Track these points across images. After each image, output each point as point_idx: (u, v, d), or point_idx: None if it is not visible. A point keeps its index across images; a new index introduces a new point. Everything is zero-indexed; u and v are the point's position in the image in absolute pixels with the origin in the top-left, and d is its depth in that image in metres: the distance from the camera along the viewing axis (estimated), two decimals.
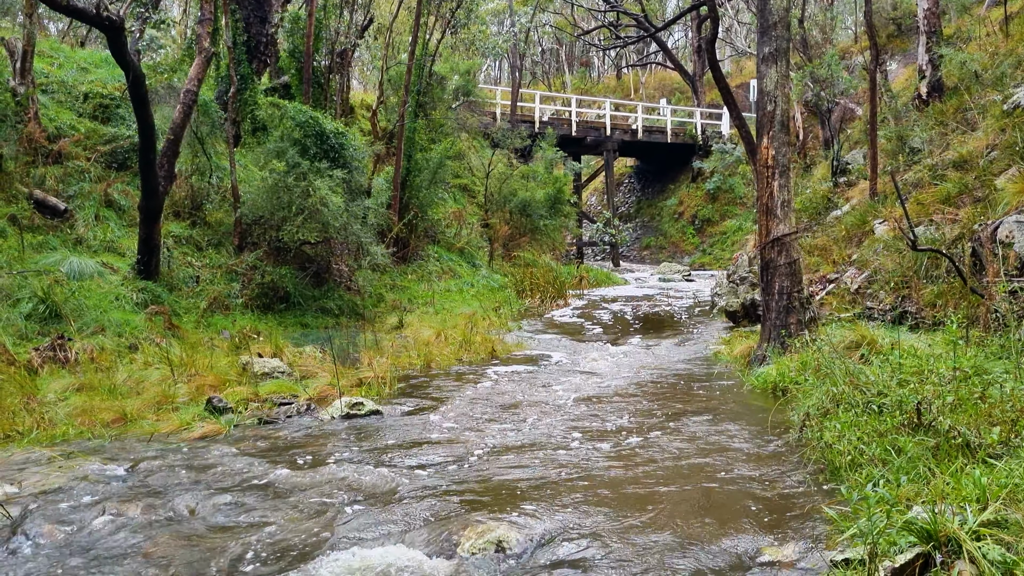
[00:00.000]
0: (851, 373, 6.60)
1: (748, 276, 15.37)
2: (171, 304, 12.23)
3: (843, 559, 3.98)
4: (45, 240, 12.40)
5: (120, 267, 12.54)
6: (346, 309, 14.95)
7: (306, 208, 13.89)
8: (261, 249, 14.44)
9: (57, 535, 4.95)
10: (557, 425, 7.50)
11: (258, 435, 7.39)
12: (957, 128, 13.42)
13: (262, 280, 13.90)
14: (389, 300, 16.34)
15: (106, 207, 13.84)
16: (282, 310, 13.95)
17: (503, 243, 23.08)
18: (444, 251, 20.63)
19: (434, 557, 4.47)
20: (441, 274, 19.37)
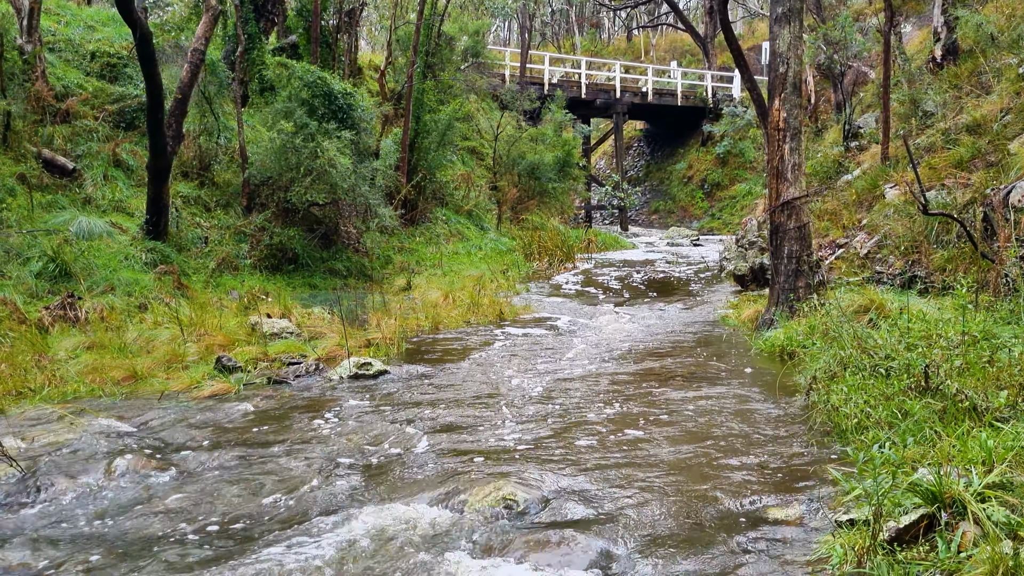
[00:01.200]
0: (859, 337, 6.59)
1: (757, 240, 15.32)
2: (180, 264, 12.27)
3: (848, 519, 4.00)
4: (54, 199, 12.42)
5: (129, 227, 12.57)
6: (354, 271, 14.97)
7: (314, 169, 13.85)
8: (269, 210, 14.44)
9: (68, 489, 5.01)
10: (564, 386, 7.53)
11: (267, 394, 7.44)
12: (971, 92, 13.26)
13: (270, 241, 13.92)
14: (397, 262, 16.35)
15: (114, 167, 13.84)
16: (290, 271, 13.98)
17: (511, 206, 23.01)
18: (452, 214, 20.60)
19: (442, 514, 4.51)
20: (449, 236, 19.35)
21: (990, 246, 8.55)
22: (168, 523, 4.54)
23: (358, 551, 4.00)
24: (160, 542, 4.29)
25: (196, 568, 3.93)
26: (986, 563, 3.25)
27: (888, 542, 3.62)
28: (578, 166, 25.53)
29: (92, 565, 3.98)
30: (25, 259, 10.55)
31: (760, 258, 13.66)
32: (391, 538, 4.15)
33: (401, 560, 3.94)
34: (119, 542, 4.30)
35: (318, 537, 4.21)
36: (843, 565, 3.52)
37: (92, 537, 4.37)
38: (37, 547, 4.20)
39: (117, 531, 4.46)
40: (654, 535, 4.18)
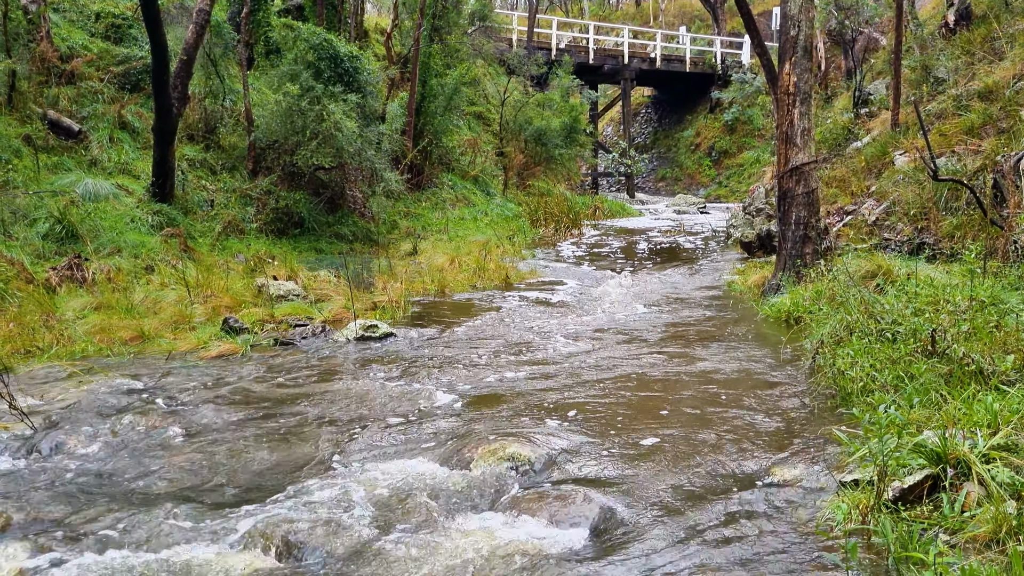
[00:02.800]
0: (866, 302, 6.57)
1: (764, 208, 15.25)
2: (186, 227, 12.26)
3: (852, 480, 4.02)
4: (60, 161, 12.38)
5: (135, 189, 12.55)
6: (360, 235, 14.96)
7: (320, 132, 13.79)
8: (275, 174, 14.40)
9: (78, 445, 5.05)
10: (570, 349, 7.55)
11: (274, 355, 7.48)
12: (984, 58, 13.10)
13: (276, 205, 13.90)
14: (403, 227, 16.33)
15: (120, 129, 13.78)
16: (296, 235, 13.97)
17: (517, 172, 22.91)
18: (458, 179, 20.51)
19: (449, 472, 4.55)
20: (455, 202, 19.29)
21: (999, 213, 8.50)
22: (177, 478, 4.58)
23: (365, 507, 4.03)
24: (169, 496, 4.34)
25: (206, 518, 3.97)
26: (989, 522, 3.27)
27: (892, 501, 3.64)
28: (585, 132, 25.35)
29: (102, 517, 4.02)
30: (32, 220, 10.55)
31: (767, 225, 13.61)
32: (399, 494, 4.18)
33: (409, 515, 3.97)
34: (128, 495, 4.35)
35: (324, 491, 4.24)
36: (847, 523, 3.54)
37: (102, 490, 4.42)
38: (50, 500, 4.25)
39: (126, 485, 4.50)
40: (658, 493, 4.21)
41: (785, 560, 3.34)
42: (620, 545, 3.67)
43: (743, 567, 3.29)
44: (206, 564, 3.52)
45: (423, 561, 3.51)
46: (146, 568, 3.47)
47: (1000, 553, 3.09)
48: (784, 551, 3.43)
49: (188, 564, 3.51)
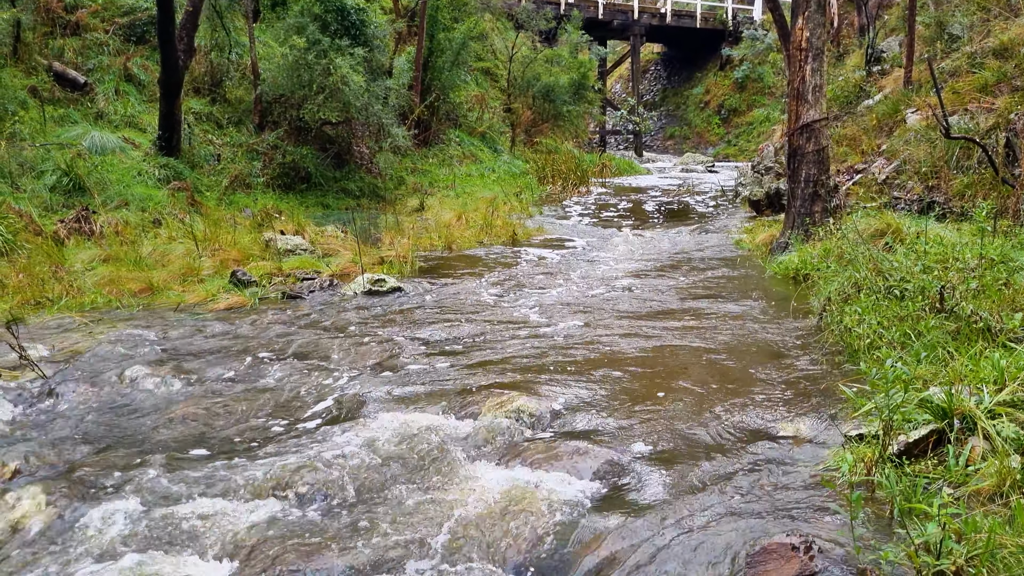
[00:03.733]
0: (874, 259, 6.56)
1: (773, 166, 15.14)
2: (193, 181, 12.24)
3: (857, 434, 4.04)
4: (66, 113, 12.34)
5: (141, 143, 12.51)
6: (367, 191, 14.92)
7: (327, 87, 13.69)
8: (282, 128, 14.33)
9: (89, 394, 5.10)
10: (577, 303, 7.56)
11: (282, 307, 7.50)
12: (1000, 14, 12.90)
13: (283, 160, 13.85)
14: (410, 183, 16.28)
15: (126, 81, 13.70)
16: (303, 190, 13.94)
17: (525, 129, 22.76)
18: (465, 135, 20.39)
19: (456, 424, 4.58)
20: (462, 158, 19.20)
21: (1011, 172, 8.43)
22: (186, 426, 4.63)
23: (375, 455, 4.07)
24: (178, 444, 4.39)
25: (215, 466, 4.02)
26: (993, 476, 3.28)
27: (897, 456, 3.66)
28: (593, 89, 25.12)
29: (111, 464, 4.08)
30: (39, 172, 10.54)
31: (776, 183, 13.52)
32: (407, 444, 4.22)
33: (417, 463, 4.02)
34: (137, 444, 4.40)
35: (335, 439, 4.29)
36: (852, 476, 3.56)
37: (111, 439, 4.47)
38: (59, 448, 4.30)
39: (135, 434, 4.55)
40: (663, 446, 4.24)
41: (789, 511, 3.37)
42: (625, 495, 3.70)
43: (746, 517, 3.32)
44: (216, 511, 3.57)
45: (430, 507, 3.56)
46: (155, 515, 3.52)
47: (1003, 506, 3.11)
48: (788, 503, 3.46)
49: (198, 511, 3.56)
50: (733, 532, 3.20)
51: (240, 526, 3.43)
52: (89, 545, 3.32)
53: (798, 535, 3.04)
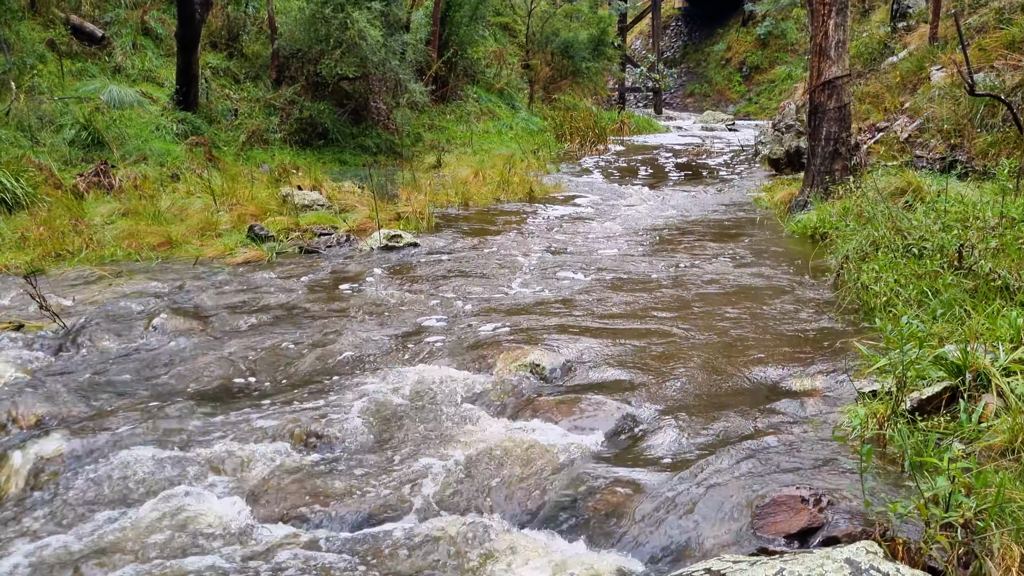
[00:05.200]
0: (894, 218, 6.50)
1: (794, 124, 14.96)
2: (210, 136, 12.25)
3: (871, 391, 4.04)
4: (84, 67, 12.33)
5: (159, 97, 12.51)
6: (384, 147, 14.88)
7: (344, 41, 13.58)
8: (299, 83, 14.26)
9: (109, 344, 5.18)
10: (593, 261, 7.56)
11: (299, 262, 7.55)
12: None
13: (300, 115, 13.81)
14: (427, 140, 16.21)
15: (143, 35, 13.65)
16: (320, 146, 13.93)
17: (543, 85, 22.55)
18: (483, 92, 20.23)
19: (472, 377, 4.62)
20: (480, 115, 19.07)
21: None
22: (204, 376, 4.69)
23: (388, 406, 4.12)
24: (197, 393, 4.45)
25: (234, 414, 4.08)
26: (1006, 432, 3.29)
27: (910, 411, 3.67)
28: (613, 45, 24.80)
29: (131, 410, 4.15)
30: (58, 126, 10.58)
31: (796, 141, 13.37)
32: (421, 396, 4.27)
33: (431, 415, 4.07)
34: (156, 393, 4.47)
35: (349, 390, 4.34)
36: (864, 430, 3.57)
37: (130, 388, 4.55)
38: (80, 396, 4.38)
39: (154, 383, 4.63)
40: (678, 401, 4.27)
41: (800, 465, 3.39)
42: (637, 447, 3.74)
43: (758, 470, 3.35)
44: (232, 455, 3.63)
45: (442, 456, 3.60)
46: (173, 459, 3.59)
47: (1015, 461, 3.12)
48: (800, 457, 3.48)
49: (215, 455, 3.63)
50: (744, 484, 3.22)
51: (255, 470, 3.50)
52: (110, 487, 3.39)
53: (808, 488, 3.07)
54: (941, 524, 2.66)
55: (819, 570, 2.34)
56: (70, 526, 3.15)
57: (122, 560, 2.89)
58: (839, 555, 2.43)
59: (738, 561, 2.58)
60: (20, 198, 8.26)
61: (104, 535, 3.06)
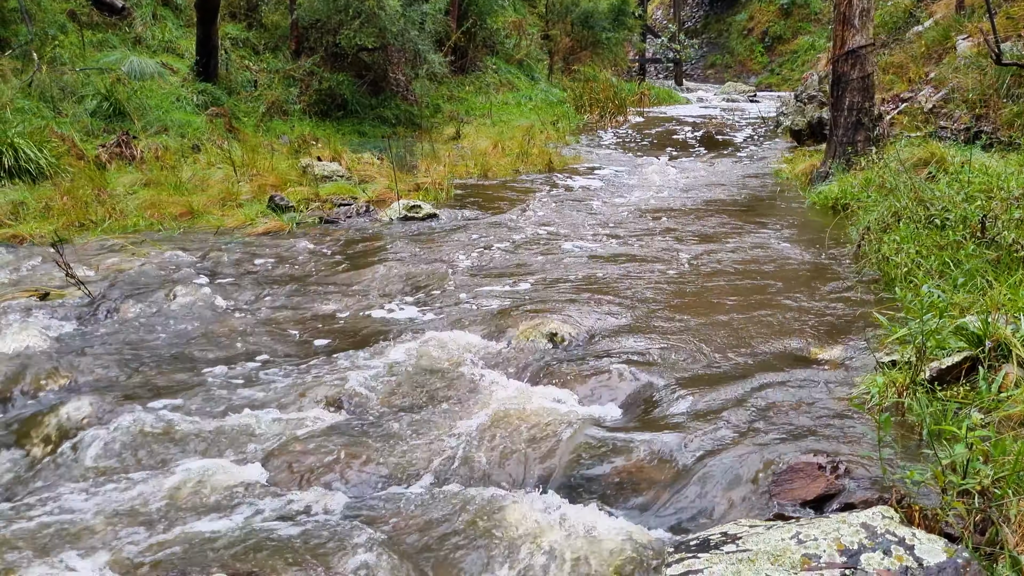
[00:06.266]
0: (916, 188, 6.44)
1: (817, 95, 14.79)
2: (230, 107, 12.28)
3: (890, 360, 4.03)
4: (105, 38, 12.37)
5: (179, 68, 12.54)
6: (403, 119, 14.87)
7: (363, 12, 13.54)
8: (318, 55, 14.25)
9: (133, 312, 5.24)
10: (611, 231, 7.55)
11: (319, 232, 7.59)
12: None
13: (319, 86, 13.81)
14: (446, 111, 16.17)
15: (163, 6, 13.68)
16: (339, 117, 13.93)
17: (563, 56, 22.40)
18: (502, 63, 20.12)
19: (490, 345, 4.65)
20: (499, 86, 18.99)
21: None
22: (228, 344, 4.75)
23: (408, 372, 4.16)
24: (221, 360, 4.51)
25: (259, 381, 4.14)
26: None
27: (929, 381, 3.66)
28: (634, 15, 24.56)
29: (155, 376, 4.22)
30: (80, 97, 10.64)
31: (819, 112, 13.24)
32: (440, 362, 4.30)
33: (451, 379, 4.10)
34: (181, 359, 4.53)
35: (371, 356, 4.39)
36: (882, 399, 3.58)
37: (156, 354, 4.61)
38: (108, 363, 4.44)
39: (179, 350, 4.69)
40: (696, 370, 4.27)
41: (818, 433, 3.40)
42: (654, 415, 3.76)
43: (775, 438, 3.36)
44: (255, 421, 3.69)
45: (461, 421, 3.65)
46: (196, 424, 3.65)
47: None
48: (818, 425, 3.49)
49: (238, 421, 3.68)
50: (761, 452, 3.24)
51: (278, 436, 3.56)
52: (135, 450, 3.46)
53: (825, 455, 3.08)
54: (958, 491, 2.66)
55: (835, 534, 2.36)
56: (96, 487, 3.21)
57: (146, 520, 2.95)
58: (855, 519, 2.45)
59: (754, 525, 2.61)
60: (44, 168, 8.34)
61: (128, 496, 3.12)
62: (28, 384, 4.13)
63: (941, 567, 2.23)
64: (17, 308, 5.18)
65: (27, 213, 7.48)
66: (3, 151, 8.16)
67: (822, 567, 2.23)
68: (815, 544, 2.33)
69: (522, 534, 2.82)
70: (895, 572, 2.21)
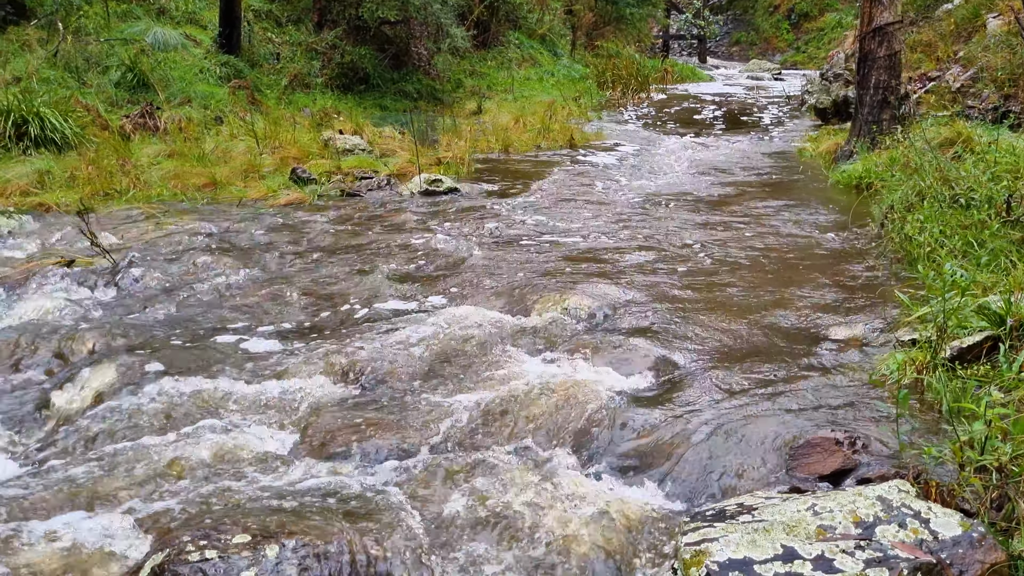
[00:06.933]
0: (941, 168, 6.38)
1: (843, 73, 14.62)
2: (253, 80, 12.31)
3: (910, 339, 4.03)
4: (129, 9, 12.42)
5: (202, 40, 12.57)
6: (424, 93, 14.85)
7: None
8: (340, 27, 14.23)
9: (157, 281, 5.31)
10: (633, 209, 7.54)
11: (340, 204, 7.63)
12: None
13: (342, 60, 13.81)
14: (468, 86, 16.13)
15: None
16: (361, 91, 13.93)
17: (586, 32, 22.25)
18: (525, 38, 20.01)
19: (511, 317, 4.68)
20: (521, 62, 18.89)
21: None
22: (249, 313, 4.81)
23: (429, 344, 4.20)
24: (243, 329, 4.57)
25: (279, 350, 4.19)
26: None
27: (949, 360, 3.65)
28: None
29: (179, 344, 4.28)
30: (104, 68, 10.71)
31: (844, 91, 13.09)
32: (461, 336, 4.33)
33: (471, 352, 4.14)
34: (203, 328, 4.59)
35: (392, 328, 4.43)
36: (901, 376, 3.57)
37: (179, 322, 4.67)
38: (131, 330, 4.50)
39: (201, 319, 4.75)
40: (716, 346, 4.28)
41: (836, 409, 3.41)
42: (674, 390, 3.77)
43: (794, 413, 3.37)
44: (278, 389, 3.74)
45: (481, 393, 3.68)
46: (220, 391, 3.70)
47: None
48: (836, 401, 3.50)
49: (261, 389, 3.74)
50: (779, 427, 3.25)
51: (300, 404, 3.61)
52: (159, 416, 3.52)
53: (842, 430, 3.09)
54: (976, 467, 2.67)
55: (850, 506, 2.38)
56: (122, 450, 3.28)
57: (172, 483, 3.01)
58: (871, 492, 2.46)
59: (770, 497, 2.63)
60: (69, 138, 8.42)
61: (153, 459, 3.18)
62: (55, 350, 4.20)
63: (956, 540, 2.25)
64: (44, 275, 5.25)
65: (53, 182, 7.57)
66: (29, 120, 8.25)
67: (837, 538, 2.25)
68: (830, 516, 2.35)
69: (540, 502, 2.85)
70: (910, 544, 2.23)
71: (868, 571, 2.12)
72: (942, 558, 2.19)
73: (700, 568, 2.19)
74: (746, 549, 2.22)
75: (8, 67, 9.87)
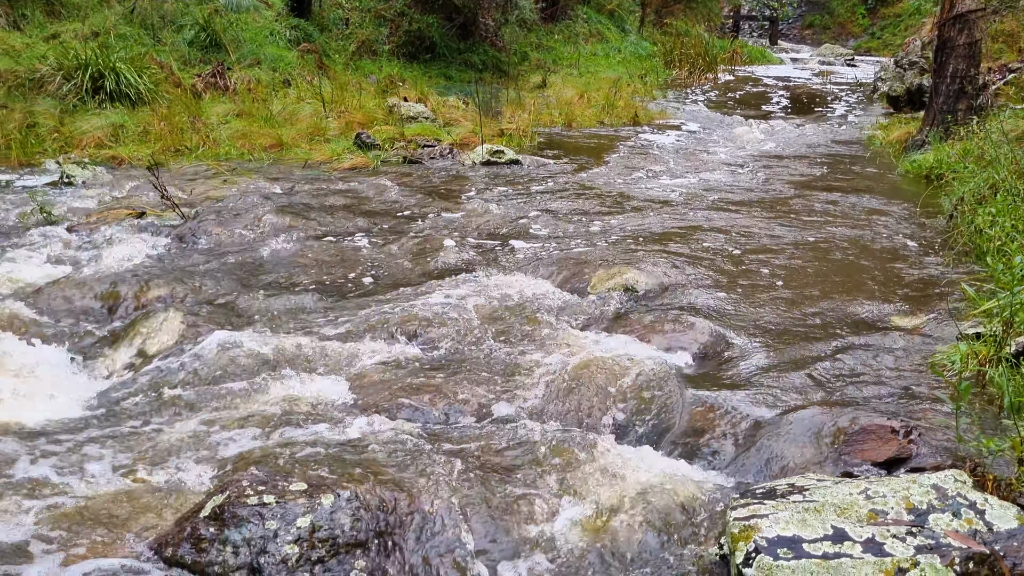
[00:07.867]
0: (1018, 160, 6.19)
1: (918, 61, 14.22)
2: (321, 44, 12.45)
3: (974, 332, 3.95)
4: None
5: (274, 2, 12.72)
6: (490, 65, 14.84)
7: None
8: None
9: (224, 236, 5.44)
10: (694, 187, 7.48)
11: (402, 171, 7.71)
12: None
13: (409, 28, 13.86)
14: (533, 59, 16.08)
15: None
16: (427, 60, 13.98)
17: (655, 9, 21.95)
18: (593, 13, 19.83)
19: (565, 291, 4.70)
20: (588, 37, 18.75)
21: None
22: (311, 272, 4.91)
23: (482, 312, 4.25)
24: (304, 286, 4.67)
25: (339, 308, 4.28)
26: None
27: (1014, 355, 3.57)
28: None
29: (243, 297, 4.39)
30: (178, 27, 10.92)
31: (919, 79, 12.74)
32: (514, 306, 4.37)
33: (524, 322, 4.17)
34: (266, 282, 4.70)
35: (446, 294, 4.48)
36: (963, 370, 3.51)
37: (243, 276, 4.79)
38: (198, 281, 4.63)
39: (264, 274, 4.87)
40: (771, 327, 4.25)
41: (894, 397, 3.37)
42: (727, 370, 3.76)
43: (849, 399, 3.35)
44: (339, 347, 3.82)
45: (531, 365, 3.70)
46: (281, 343, 3.80)
47: None
48: (894, 389, 3.46)
49: (320, 343, 3.82)
50: (833, 411, 3.22)
51: (356, 359, 3.69)
52: (222, 367, 3.62)
53: (899, 419, 3.06)
54: None
55: (904, 492, 2.36)
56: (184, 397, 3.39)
57: (233, 429, 3.11)
58: (926, 480, 2.44)
59: (822, 479, 2.62)
60: (143, 94, 8.63)
61: (215, 407, 3.29)
62: (129, 296, 4.35)
63: (1011, 533, 2.22)
64: (116, 224, 5.42)
65: (126, 136, 7.78)
66: (106, 75, 8.47)
67: (889, 523, 2.24)
68: (883, 501, 2.33)
69: (588, 475, 2.88)
70: (963, 534, 2.21)
71: (919, 557, 2.11)
72: (995, 549, 2.17)
73: (748, 543, 2.20)
74: (796, 527, 2.22)
75: (87, 22, 10.12)
